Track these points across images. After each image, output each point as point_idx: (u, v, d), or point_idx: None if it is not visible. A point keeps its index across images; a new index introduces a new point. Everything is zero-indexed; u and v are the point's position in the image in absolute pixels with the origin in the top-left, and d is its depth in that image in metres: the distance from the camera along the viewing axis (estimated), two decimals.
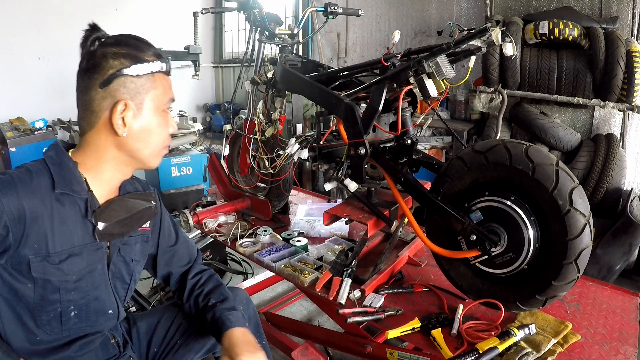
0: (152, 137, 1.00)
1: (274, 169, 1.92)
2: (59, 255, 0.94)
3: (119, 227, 1.03)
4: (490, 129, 3.15)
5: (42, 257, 0.92)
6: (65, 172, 0.95)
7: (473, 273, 1.38)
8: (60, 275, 0.95)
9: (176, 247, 1.27)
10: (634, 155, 2.96)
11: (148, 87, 0.97)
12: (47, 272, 0.93)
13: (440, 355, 1.21)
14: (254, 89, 2.02)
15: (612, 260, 2.53)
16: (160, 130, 1.01)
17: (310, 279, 1.53)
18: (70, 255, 0.96)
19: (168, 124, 1.03)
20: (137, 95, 0.95)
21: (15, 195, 0.87)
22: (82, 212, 0.97)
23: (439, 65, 1.28)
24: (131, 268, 1.13)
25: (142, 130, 0.97)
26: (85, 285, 1.00)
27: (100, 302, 1.05)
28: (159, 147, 1.03)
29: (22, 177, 0.91)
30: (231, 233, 1.97)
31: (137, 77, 0.95)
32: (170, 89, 1.03)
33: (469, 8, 3.66)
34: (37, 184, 0.92)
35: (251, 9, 1.97)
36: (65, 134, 4.21)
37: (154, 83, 0.97)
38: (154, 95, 0.98)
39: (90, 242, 0.99)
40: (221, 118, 5.54)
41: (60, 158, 0.97)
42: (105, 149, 0.98)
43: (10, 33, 4.21)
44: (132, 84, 0.94)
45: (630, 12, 2.86)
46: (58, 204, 0.93)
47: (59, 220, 0.93)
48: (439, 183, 1.38)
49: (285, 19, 5.04)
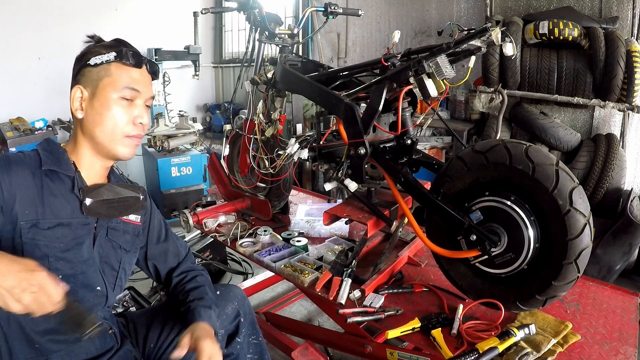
0: (106, 120, 1.06)
1: (274, 169, 1.92)
2: (48, 222, 1.01)
3: (106, 208, 1.10)
4: (490, 129, 3.15)
5: (32, 224, 0.99)
6: (55, 155, 1.07)
7: (473, 273, 1.38)
8: (48, 240, 1.01)
9: (165, 245, 1.32)
10: (634, 155, 2.96)
11: (102, 75, 1.06)
12: (36, 237, 1.00)
13: (440, 355, 1.21)
14: (254, 89, 2.02)
15: (612, 260, 2.53)
16: (114, 115, 1.06)
17: (310, 279, 1.53)
18: (59, 224, 1.03)
19: (128, 112, 1.08)
20: (93, 82, 1.06)
21: (8, 167, 0.99)
22: (69, 188, 1.06)
23: (439, 65, 1.28)
24: (119, 255, 1.17)
25: (95, 113, 1.06)
26: (73, 257, 1.05)
27: (88, 278, 1.09)
28: (117, 133, 1.07)
29: (15, 155, 1.04)
30: (231, 233, 1.97)
31: (95, 66, 1.06)
32: (134, 81, 1.09)
33: (469, 8, 3.66)
34: (29, 161, 1.03)
35: (251, 9, 1.97)
36: (65, 134, 4.21)
37: (107, 71, 1.06)
38: (107, 82, 1.06)
39: (78, 217, 1.06)
40: (221, 118, 5.54)
41: (51, 146, 1.09)
42: (77, 134, 1.10)
43: (10, 33, 4.20)
44: (89, 73, 1.07)
45: (630, 12, 2.86)
46: (47, 179, 1.03)
47: (49, 193, 1.03)
48: (439, 183, 1.38)
49: (285, 19, 5.04)
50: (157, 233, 1.31)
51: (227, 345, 1.33)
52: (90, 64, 1.06)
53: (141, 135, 1.12)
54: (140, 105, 1.11)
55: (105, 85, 1.06)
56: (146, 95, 1.12)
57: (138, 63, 1.10)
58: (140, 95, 1.10)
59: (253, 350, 1.37)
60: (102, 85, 1.06)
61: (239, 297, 1.35)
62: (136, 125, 1.09)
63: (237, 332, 1.33)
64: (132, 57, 1.08)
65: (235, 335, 1.33)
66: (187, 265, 1.35)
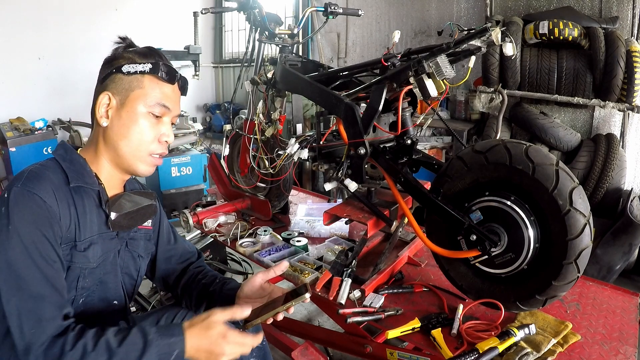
0: (132, 135, 1.02)
1: (274, 169, 1.92)
2: (84, 243, 1.00)
3: (127, 220, 1.08)
4: (490, 129, 3.15)
5: (70, 246, 0.97)
6: (77, 167, 1.02)
7: (473, 273, 1.38)
8: (84, 262, 1.00)
9: (176, 246, 1.30)
10: (634, 155, 2.96)
11: (134, 86, 1.01)
12: (74, 259, 0.98)
13: (440, 355, 1.21)
14: (254, 89, 2.02)
15: (612, 260, 2.53)
16: (142, 130, 1.02)
17: (310, 279, 1.53)
18: (92, 243, 1.02)
19: (155, 129, 1.04)
20: (123, 92, 1.01)
21: (51, 192, 0.93)
22: (96, 202, 1.03)
23: (439, 65, 1.28)
24: (138, 264, 1.17)
25: (122, 124, 1.01)
26: (99, 272, 1.05)
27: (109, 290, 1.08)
28: (142, 150, 1.04)
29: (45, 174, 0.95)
30: (231, 233, 1.97)
31: (127, 74, 1.01)
32: (166, 97, 1.04)
33: (469, 8, 3.66)
34: (57, 178, 0.97)
35: (251, 9, 1.97)
36: (65, 134, 4.21)
37: (140, 83, 1.01)
38: (138, 94, 1.01)
39: (105, 232, 1.05)
40: (221, 118, 5.54)
41: (70, 155, 1.03)
42: (98, 142, 1.05)
43: (10, 33, 4.20)
44: (120, 81, 1.01)
45: (630, 12, 2.86)
46: (76, 195, 0.99)
47: (81, 211, 1.00)
48: (439, 183, 1.38)
49: (285, 19, 5.04)
50: (167, 234, 1.29)
51: None
52: (123, 72, 1.01)
53: (165, 154, 1.09)
54: (168, 123, 1.07)
55: (137, 97, 1.01)
56: (175, 113, 1.08)
57: (172, 79, 1.05)
58: (170, 112, 1.06)
59: (257, 354, 1.36)
60: (133, 97, 1.01)
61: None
62: (161, 143, 1.06)
63: None
64: (168, 73, 1.04)
65: None
66: (203, 263, 1.34)
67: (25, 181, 0.92)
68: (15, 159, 3.53)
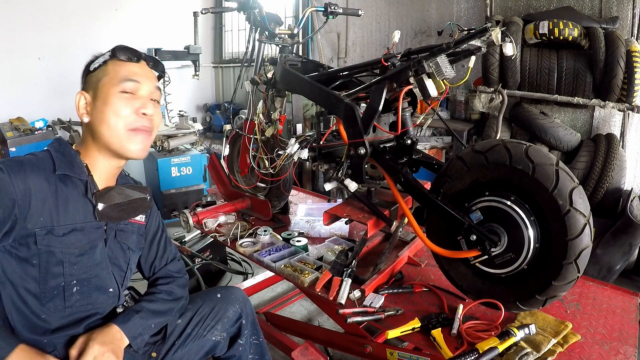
0: (109, 116, 1.05)
1: (274, 169, 1.92)
2: (63, 228, 1.02)
3: (117, 211, 1.11)
4: (490, 129, 3.15)
5: (47, 230, 1.00)
6: (68, 158, 1.07)
7: (473, 273, 1.38)
8: (63, 246, 1.02)
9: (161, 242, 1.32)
10: (634, 155, 2.96)
11: (101, 77, 1.08)
12: (52, 244, 1.00)
13: (440, 355, 1.21)
14: (254, 89, 2.02)
15: (612, 260, 2.53)
16: (117, 109, 1.06)
17: (310, 279, 1.53)
18: (73, 229, 1.04)
19: (130, 104, 1.07)
20: (93, 85, 1.08)
21: (23, 173, 0.97)
22: (82, 192, 1.07)
23: (439, 65, 1.28)
24: (127, 256, 1.19)
25: (98, 112, 1.06)
26: (87, 261, 1.07)
27: (101, 280, 1.10)
28: (120, 127, 1.06)
29: (29, 159, 1.02)
30: (231, 233, 1.97)
31: (94, 71, 1.09)
32: (132, 73, 1.09)
33: (469, 8, 3.66)
34: (43, 165, 1.02)
35: (251, 9, 1.97)
36: (65, 134, 4.20)
37: (104, 71, 1.08)
38: (106, 80, 1.07)
39: (91, 221, 1.07)
40: (221, 118, 5.54)
41: (63, 147, 1.09)
42: (87, 138, 1.11)
43: (10, 33, 4.20)
44: (90, 78, 1.10)
45: (630, 12, 2.86)
46: (61, 184, 1.03)
47: (63, 199, 1.03)
48: (439, 183, 1.38)
49: (285, 19, 5.04)
50: (155, 231, 1.31)
51: (230, 347, 1.33)
52: (90, 70, 1.10)
53: (148, 127, 1.10)
54: (144, 97, 1.10)
55: (105, 83, 1.07)
56: (148, 87, 1.10)
57: (132, 57, 1.10)
58: (141, 86, 1.09)
59: (254, 351, 1.37)
60: (102, 85, 1.07)
61: (240, 299, 1.35)
62: (139, 116, 1.08)
63: (239, 334, 1.34)
64: (125, 52, 1.10)
65: (237, 338, 1.33)
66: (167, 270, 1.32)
67: (5, 161, 0.98)
68: None
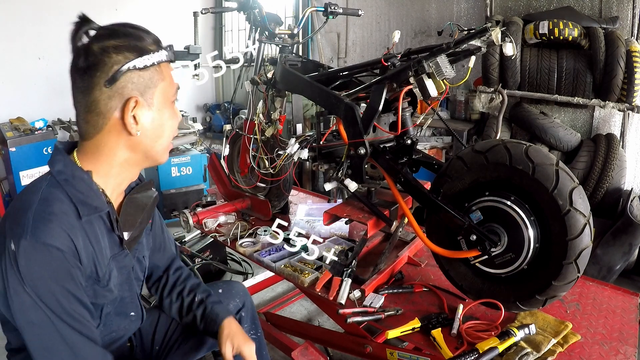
0: (165, 132, 0.93)
1: (274, 169, 1.92)
2: (105, 275, 0.93)
3: (138, 229, 1.03)
4: (490, 129, 3.15)
5: (93, 281, 0.90)
6: (82, 188, 0.88)
7: (473, 273, 1.38)
8: (109, 295, 0.96)
9: (164, 238, 1.27)
10: (634, 155, 2.96)
11: (156, 80, 0.89)
12: (98, 296, 0.93)
13: (440, 355, 1.21)
14: (254, 89, 2.01)
15: (612, 260, 2.53)
16: (172, 122, 0.95)
17: (310, 279, 1.53)
18: (110, 271, 0.95)
19: (177, 115, 0.97)
20: (147, 90, 0.88)
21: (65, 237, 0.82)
22: (107, 226, 0.95)
23: (439, 65, 1.28)
24: (144, 265, 1.14)
25: (155, 126, 0.91)
26: (118, 293, 1.01)
27: (125, 304, 1.06)
28: (170, 141, 0.98)
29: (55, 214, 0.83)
30: (231, 233, 1.96)
31: (145, 69, 0.87)
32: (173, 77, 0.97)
33: (469, 8, 3.66)
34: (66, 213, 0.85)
35: (251, 9, 1.96)
36: (65, 134, 4.20)
37: (161, 74, 0.90)
38: (163, 87, 0.91)
39: (118, 252, 0.98)
40: (221, 118, 5.54)
41: (71, 172, 0.88)
42: (116, 152, 0.90)
43: (10, 33, 4.20)
44: (140, 79, 0.87)
45: (630, 12, 2.86)
46: (87, 225, 0.89)
47: (95, 241, 0.90)
48: (439, 183, 1.38)
49: (285, 19, 5.04)
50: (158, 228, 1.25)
51: None
52: (139, 68, 0.86)
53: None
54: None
55: (164, 90, 0.91)
56: None
57: (174, 58, 0.95)
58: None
59: None
60: (159, 91, 0.90)
61: (241, 293, 1.36)
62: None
63: None
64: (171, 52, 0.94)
65: None
66: (179, 262, 1.32)
67: (33, 230, 0.79)
68: (15, 159, 3.53)
